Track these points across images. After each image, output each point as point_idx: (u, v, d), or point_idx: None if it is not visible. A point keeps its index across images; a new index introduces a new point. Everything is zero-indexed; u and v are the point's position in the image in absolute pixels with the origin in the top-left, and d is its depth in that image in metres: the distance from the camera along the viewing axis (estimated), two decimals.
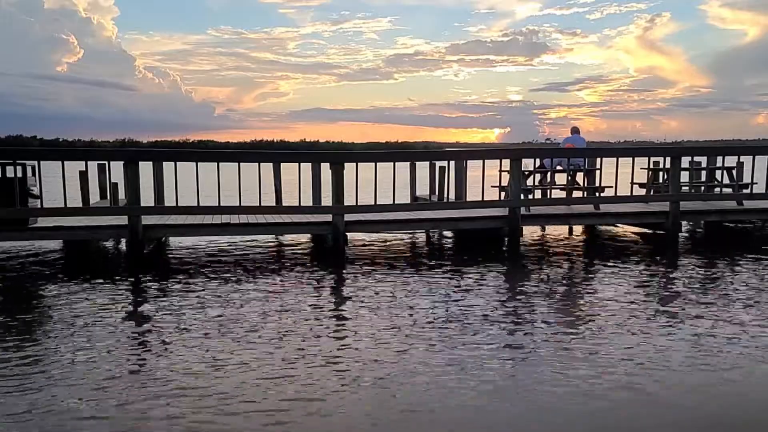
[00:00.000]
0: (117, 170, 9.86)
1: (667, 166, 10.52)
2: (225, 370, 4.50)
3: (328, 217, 9.03)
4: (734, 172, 11.61)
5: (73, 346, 5.04)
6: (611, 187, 9.98)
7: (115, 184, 11.09)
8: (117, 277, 7.72)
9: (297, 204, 9.33)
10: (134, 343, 5.18)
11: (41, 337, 5.31)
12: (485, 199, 10.15)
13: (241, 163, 8.83)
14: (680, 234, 10.23)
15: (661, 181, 11.71)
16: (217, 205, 8.65)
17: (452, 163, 10.55)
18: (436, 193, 12.51)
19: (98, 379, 4.31)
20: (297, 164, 9.37)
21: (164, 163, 10.88)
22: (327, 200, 10.08)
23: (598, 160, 10.59)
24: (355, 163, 9.07)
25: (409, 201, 11.70)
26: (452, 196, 10.59)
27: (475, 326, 5.55)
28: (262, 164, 9.05)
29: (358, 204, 9.10)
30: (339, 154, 10.22)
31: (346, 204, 9.07)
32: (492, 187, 10.53)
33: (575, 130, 12.04)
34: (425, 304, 6.39)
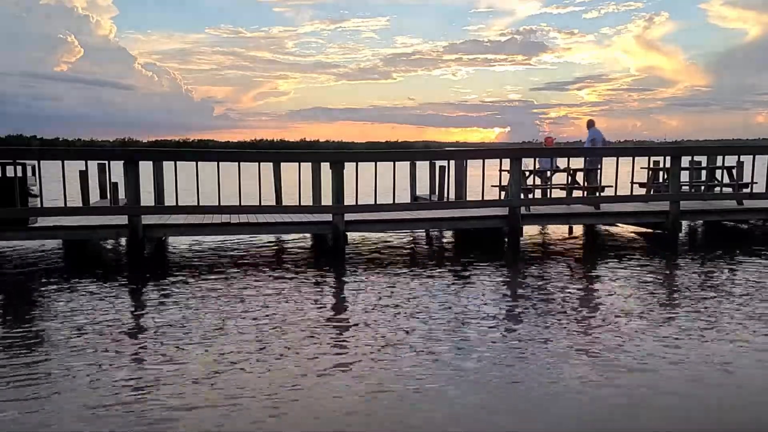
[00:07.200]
0: (117, 170, 9.87)
1: (667, 165, 10.53)
2: (223, 368, 4.50)
3: (328, 217, 9.04)
4: (734, 171, 11.63)
5: (72, 346, 5.04)
6: (611, 186, 10.00)
7: (115, 184, 11.10)
8: (117, 277, 7.72)
9: (297, 203, 9.35)
10: (133, 342, 5.17)
11: (40, 338, 5.31)
12: (485, 198, 10.16)
13: (241, 163, 8.85)
14: (680, 233, 10.23)
15: (661, 180, 11.72)
16: (218, 204, 8.66)
17: (452, 162, 10.55)
18: (436, 192, 12.51)
19: (97, 381, 4.31)
20: (297, 164, 9.38)
21: (164, 163, 10.89)
22: (327, 200, 10.08)
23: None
24: (355, 163, 9.08)
25: (409, 201, 11.71)
26: (452, 196, 10.59)
27: (475, 325, 5.56)
28: (262, 164, 9.06)
29: (358, 204, 9.11)
30: (339, 154, 10.22)
31: (346, 204, 9.07)
32: (492, 186, 10.53)
33: (591, 124, 12.25)
34: (425, 303, 6.39)
